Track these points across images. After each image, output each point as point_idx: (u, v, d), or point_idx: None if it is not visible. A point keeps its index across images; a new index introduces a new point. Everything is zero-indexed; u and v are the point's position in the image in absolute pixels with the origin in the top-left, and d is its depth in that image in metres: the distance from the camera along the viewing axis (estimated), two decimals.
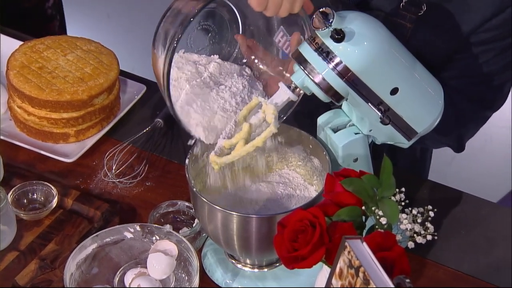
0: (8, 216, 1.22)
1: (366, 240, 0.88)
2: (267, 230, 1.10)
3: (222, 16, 1.22)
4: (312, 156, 1.24)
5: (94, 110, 1.44)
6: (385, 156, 1.03)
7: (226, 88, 1.20)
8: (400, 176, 1.04)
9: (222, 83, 1.21)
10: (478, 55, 1.31)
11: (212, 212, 1.12)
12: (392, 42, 1.10)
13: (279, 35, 1.20)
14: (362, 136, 1.18)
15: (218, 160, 1.13)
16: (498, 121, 2.89)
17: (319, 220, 0.98)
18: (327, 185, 1.05)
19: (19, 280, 1.19)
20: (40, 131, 1.44)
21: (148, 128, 1.46)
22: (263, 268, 1.23)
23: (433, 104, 1.19)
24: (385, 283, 0.84)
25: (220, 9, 1.21)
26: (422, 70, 1.17)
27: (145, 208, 1.34)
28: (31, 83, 1.41)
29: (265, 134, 1.11)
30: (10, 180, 1.34)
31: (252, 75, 1.25)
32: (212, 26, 1.22)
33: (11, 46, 1.53)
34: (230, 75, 1.22)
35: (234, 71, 1.23)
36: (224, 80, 1.21)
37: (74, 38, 1.53)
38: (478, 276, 1.27)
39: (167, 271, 1.13)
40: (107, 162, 1.41)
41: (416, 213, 1.01)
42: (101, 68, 1.46)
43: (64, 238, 1.26)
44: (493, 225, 1.36)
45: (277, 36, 1.20)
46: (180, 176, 1.40)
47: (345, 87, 1.08)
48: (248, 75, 1.24)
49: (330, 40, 1.06)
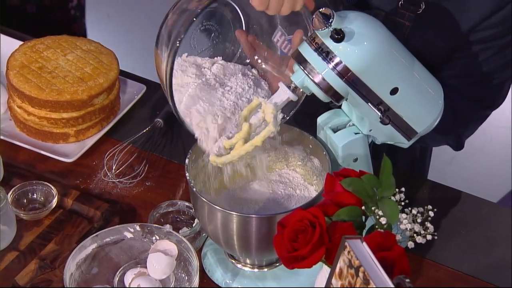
0: (8, 216, 1.22)
1: (366, 240, 0.88)
2: (267, 230, 1.10)
3: (224, 15, 1.22)
4: (312, 156, 1.24)
5: (94, 110, 1.44)
6: (385, 156, 1.03)
7: (232, 89, 1.20)
8: (400, 176, 1.04)
9: (227, 84, 1.21)
10: (478, 53, 1.31)
11: (212, 212, 1.12)
12: (392, 42, 1.10)
13: (277, 35, 1.20)
14: (362, 136, 1.18)
15: (218, 160, 1.13)
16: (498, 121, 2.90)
17: (319, 220, 0.98)
18: (327, 185, 1.05)
19: (19, 280, 1.19)
20: (40, 131, 1.44)
21: (148, 128, 1.46)
22: (263, 268, 1.23)
23: (433, 104, 1.19)
24: (385, 283, 0.84)
25: (222, 9, 1.21)
26: (422, 70, 1.17)
27: (145, 208, 1.34)
28: (31, 83, 1.41)
29: (264, 133, 1.11)
30: (10, 180, 1.34)
31: (257, 75, 1.25)
32: (215, 26, 1.22)
33: (11, 46, 1.53)
34: (234, 76, 1.22)
35: (238, 71, 1.23)
36: (228, 80, 1.21)
37: (74, 38, 1.53)
38: (478, 276, 1.27)
39: (167, 271, 1.13)
40: (107, 162, 1.41)
41: (416, 213, 1.01)
42: (101, 68, 1.46)
43: (64, 238, 1.26)
44: (493, 225, 1.36)
45: (275, 35, 1.20)
46: (180, 176, 1.40)
47: (345, 87, 1.08)
48: (253, 75, 1.24)
49: (330, 40, 1.05)
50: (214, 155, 1.14)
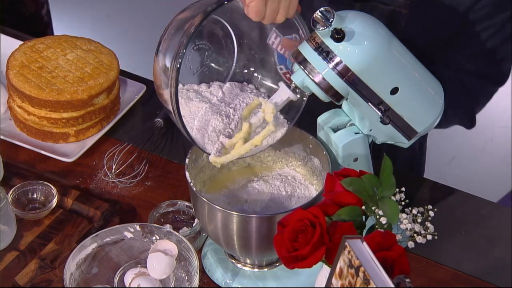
0: (8, 216, 1.22)
1: (366, 239, 0.88)
2: (267, 230, 1.10)
3: (215, 33, 1.22)
4: (312, 156, 1.24)
5: (94, 110, 1.44)
6: (385, 156, 1.03)
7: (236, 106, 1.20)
8: (400, 176, 1.04)
9: (230, 102, 1.21)
10: (479, 32, 1.31)
11: (212, 212, 1.13)
12: (393, 42, 1.10)
13: (272, 37, 1.20)
14: (362, 136, 1.18)
15: (218, 160, 1.14)
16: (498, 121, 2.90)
17: (319, 219, 0.98)
18: (327, 185, 1.05)
19: (19, 280, 1.19)
20: (40, 131, 1.44)
21: (148, 128, 1.46)
22: (263, 268, 1.23)
23: (433, 104, 1.19)
24: (385, 283, 0.84)
25: (213, 27, 1.21)
26: (422, 70, 1.17)
27: (145, 208, 1.34)
28: (31, 83, 1.41)
29: (264, 132, 1.12)
30: (10, 180, 1.34)
31: (254, 88, 1.25)
32: (207, 44, 1.22)
33: (11, 46, 1.53)
34: (234, 93, 1.22)
35: (237, 89, 1.23)
36: (230, 99, 1.21)
37: (74, 38, 1.53)
38: (478, 276, 1.26)
39: (167, 271, 1.13)
40: (107, 162, 1.41)
41: (416, 213, 1.01)
42: (101, 68, 1.46)
43: (64, 238, 1.26)
44: (493, 225, 1.36)
45: (270, 38, 1.20)
46: (180, 176, 1.40)
47: (345, 86, 1.08)
48: (251, 90, 1.24)
49: (330, 40, 1.06)
50: (214, 156, 1.14)
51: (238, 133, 1.14)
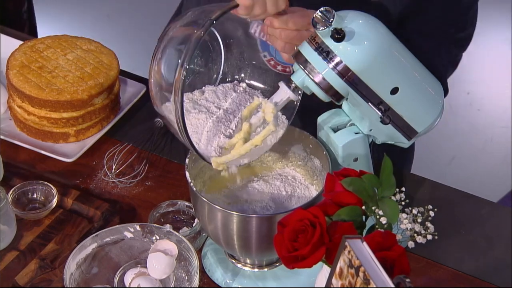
0: (8, 215, 1.22)
1: (366, 239, 0.88)
2: (267, 230, 1.10)
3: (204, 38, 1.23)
4: (312, 156, 1.24)
5: (94, 109, 1.44)
6: (386, 156, 1.03)
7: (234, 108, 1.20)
8: (400, 176, 1.04)
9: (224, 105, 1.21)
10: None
11: (212, 212, 1.13)
12: (393, 42, 1.10)
13: (254, 25, 1.21)
14: (362, 136, 1.18)
15: (218, 160, 1.14)
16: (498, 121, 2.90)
17: (319, 219, 0.98)
18: (327, 185, 1.05)
19: (19, 280, 1.19)
20: (40, 130, 1.44)
21: (148, 128, 1.46)
22: (263, 268, 1.23)
23: (433, 104, 1.19)
24: (385, 283, 0.84)
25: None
26: (422, 70, 1.17)
27: (145, 208, 1.34)
28: (31, 83, 1.41)
29: (264, 132, 1.12)
30: (10, 180, 1.34)
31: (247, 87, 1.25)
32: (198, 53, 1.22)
33: (11, 46, 1.53)
34: (229, 95, 1.22)
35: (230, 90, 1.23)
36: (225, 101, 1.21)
37: (74, 38, 1.53)
38: (478, 276, 1.26)
39: (167, 271, 1.13)
40: (107, 162, 1.41)
41: (416, 213, 1.01)
42: (101, 68, 1.46)
43: (64, 237, 1.26)
44: (493, 225, 1.36)
45: (252, 27, 1.20)
46: (180, 176, 1.40)
47: (345, 86, 1.08)
48: (244, 88, 1.25)
49: (330, 40, 1.06)
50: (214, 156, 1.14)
51: (238, 133, 1.14)
